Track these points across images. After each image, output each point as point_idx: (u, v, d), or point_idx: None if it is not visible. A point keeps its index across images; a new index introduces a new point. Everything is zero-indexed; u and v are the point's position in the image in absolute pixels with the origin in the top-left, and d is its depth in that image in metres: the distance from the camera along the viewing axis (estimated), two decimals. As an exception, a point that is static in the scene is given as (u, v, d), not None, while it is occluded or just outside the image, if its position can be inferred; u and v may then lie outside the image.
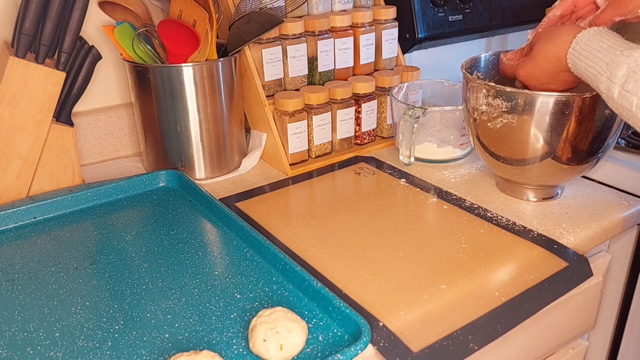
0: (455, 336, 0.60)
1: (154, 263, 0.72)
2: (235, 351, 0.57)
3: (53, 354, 0.57)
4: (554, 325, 0.79)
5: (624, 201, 0.84)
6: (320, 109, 0.97)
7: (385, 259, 0.72)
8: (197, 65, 0.88)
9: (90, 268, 0.71)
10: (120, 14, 0.92)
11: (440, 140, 0.97)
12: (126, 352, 0.57)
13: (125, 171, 1.00)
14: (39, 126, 0.84)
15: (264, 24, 0.89)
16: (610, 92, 0.63)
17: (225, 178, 0.96)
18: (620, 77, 0.61)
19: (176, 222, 0.81)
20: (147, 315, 0.62)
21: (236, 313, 0.62)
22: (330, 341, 0.58)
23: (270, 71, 0.97)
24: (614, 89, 0.62)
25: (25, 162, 0.85)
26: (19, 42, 0.81)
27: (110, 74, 1.04)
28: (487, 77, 0.90)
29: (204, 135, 0.92)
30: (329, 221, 0.81)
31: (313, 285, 0.63)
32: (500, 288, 0.67)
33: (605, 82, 0.63)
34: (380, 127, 1.07)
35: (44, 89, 0.83)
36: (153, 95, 0.90)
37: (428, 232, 0.77)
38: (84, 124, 1.01)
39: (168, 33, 0.86)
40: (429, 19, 1.14)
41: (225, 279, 0.68)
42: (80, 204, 0.86)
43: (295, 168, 0.97)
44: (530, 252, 0.73)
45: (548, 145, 0.76)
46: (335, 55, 1.02)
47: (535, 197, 0.85)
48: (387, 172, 0.95)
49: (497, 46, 1.41)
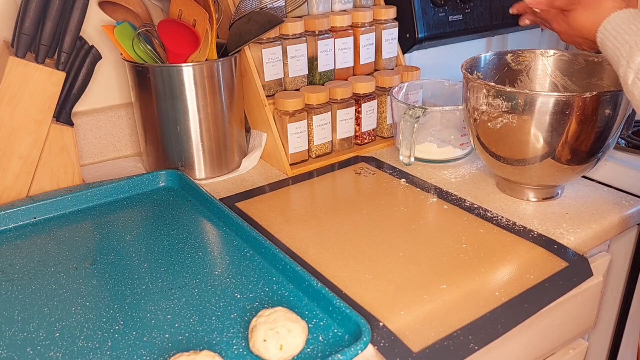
0: (455, 336, 0.60)
1: (154, 263, 0.72)
2: (235, 351, 0.57)
3: (53, 354, 0.57)
4: (554, 325, 0.79)
5: (624, 201, 0.84)
6: (320, 109, 0.97)
7: (386, 259, 0.72)
8: (197, 65, 0.88)
9: (90, 268, 0.71)
10: (120, 14, 0.92)
11: (440, 140, 0.97)
12: (126, 352, 0.57)
13: (125, 171, 1.00)
14: (38, 126, 0.84)
15: (264, 24, 0.89)
16: (625, 77, 0.62)
17: (225, 178, 0.96)
18: (638, 64, 0.60)
19: (176, 222, 0.81)
20: (147, 315, 0.62)
21: (236, 313, 0.62)
22: (330, 341, 0.58)
23: (270, 71, 0.97)
24: (630, 74, 0.61)
25: (25, 162, 0.85)
26: (19, 42, 0.80)
27: (110, 74, 1.04)
28: (487, 77, 0.90)
29: (204, 135, 0.92)
30: (329, 221, 0.80)
31: (313, 285, 0.63)
32: (501, 288, 0.67)
33: (624, 66, 0.62)
34: (380, 127, 1.07)
35: (44, 89, 0.82)
36: (153, 95, 0.90)
37: (428, 232, 0.77)
38: (84, 124, 1.01)
39: (168, 33, 0.86)
40: (429, 19, 1.14)
41: (225, 279, 0.68)
42: (80, 204, 0.86)
43: (295, 168, 0.97)
44: (531, 252, 0.73)
45: (548, 145, 0.76)
46: (335, 55, 1.02)
47: (535, 197, 0.85)
48: (387, 172, 0.95)
49: (497, 46, 1.41)
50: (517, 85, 0.93)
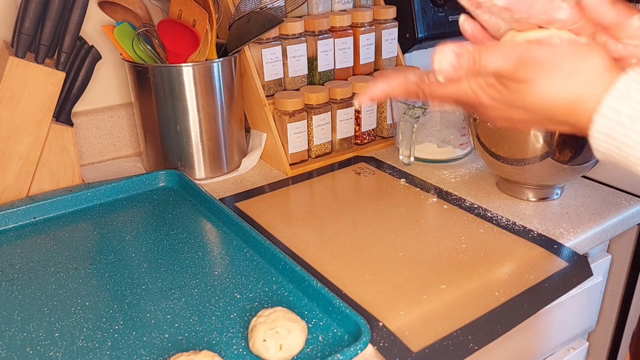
0: (455, 336, 0.60)
1: (154, 263, 0.72)
2: (235, 351, 0.57)
3: (52, 354, 0.57)
4: (554, 325, 0.79)
5: (624, 201, 0.84)
6: (320, 109, 0.97)
7: (385, 259, 0.72)
8: (197, 65, 0.88)
9: (90, 268, 0.71)
10: (120, 14, 0.92)
11: (440, 140, 0.97)
12: (126, 352, 0.57)
13: (125, 171, 1.00)
14: (38, 126, 0.84)
15: (264, 24, 0.89)
16: None
17: (225, 178, 0.96)
18: None
19: (176, 222, 0.81)
20: (146, 315, 0.62)
21: (236, 313, 0.62)
22: (330, 341, 0.58)
23: (270, 71, 0.97)
24: None
25: (25, 162, 0.85)
26: (19, 42, 0.80)
27: (110, 74, 1.04)
28: (487, 77, 0.90)
29: (203, 135, 0.92)
30: (329, 221, 0.80)
31: (313, 285, 0.63)
32: (500, 288, 0.67)
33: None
34: (380, 127, 1.07)
35: (44, 89, 0.82)
36: (153, 95, 0.90)
37: (428, 232, 0.77)
38: (84, 124, 1.01)
39: (168, 33, 0.86)
40: (429, 19, 1.14)
41: (225, 279, 0.68)
42: (80, 203, 0.86)
43: (295, 168, 0.97)
44: (530, 252, 0.73)
45: (548, 145, 0.76)
46: (335, 55, 1.02)
47: (535, 197, 0.85)
48: (387, 172, 0.95)
49: (497, 46, 1.41)
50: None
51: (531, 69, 0.42)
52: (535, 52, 0.42)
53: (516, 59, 0.43)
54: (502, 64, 0.43)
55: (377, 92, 0.50)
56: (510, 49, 0.43)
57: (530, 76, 0.43)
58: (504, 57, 0.43)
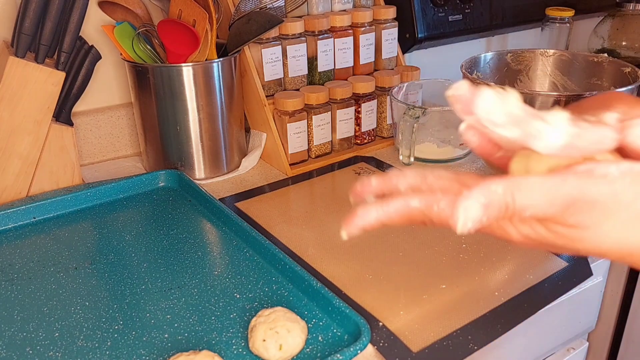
0: (455, 336, 0.60)
1: (154, 263, 0.72)
2: (235, 351, 0.57)
3: (52, 354, 0.57)
4: (554, 325, 0.79)
5: (624, 201, 0.84)
6: (320, 109, 0.97)
7: (385, 259, 0.71)
8: (196, 65, 0.88)
9: (89, 268, 0.71)
10: (120, 14, 0.92)
11: (440, 140, 0.97)
12: (125, 352, 0.57)
13: (125, 171, 0.99)
14: (38, 126, 0.84)
15: (264, 24, 0.89)
16: None
17: (225, 178, 0.96)
18: None
19: (176, 222, 0.81)
20: (146, 315, 0.62)
21: (236, 313, 0.62)
22: (329, 341, 0.58)
23: (270, 71, 0.97)
24: None
25: (24, 162, 0.85)
26: (19, 41, 0.80)
27: (110, 74, 1.04)
28: (487, 77, 0.90)
29: (203, 135, 0.92)
30: (329, 221, 0.80)
31: (313, 285, 0.63)
32: (500, 288, 0.67)
33: None
34: (380, 127, 1.07)
35: (44, 88, 0.82)
36: (153, 95, 0.90)
37: (428, 232, 0.77)
38: (84, 124, 1.01)
39: (168, 33, 0.86)
40: (429, 19, 1.14)
41: (225, 279, 0.68)
42: (80, 203, 0.86)
43: (295, 168, 0.97)
44: (530, 252, 0.73)
45: (548, 145, 0.76)
46: (335, 55, 1.02)
47: (535, 197, 0.85)
48: (387, 172, 0.95)
49: (497, 46, 1.41)
50: (517, 85, 0.93)
51: (586, 212, 0.33)
52: (589, 191, 0.32)
53: (563, 201, 0.33)
54: (546, 208, 0.33)
55: (370, 221, 0.41)
56: (554, 188, 0.33)
57: (585, 222, 0.33)
58: (546, 199, 0.33)
